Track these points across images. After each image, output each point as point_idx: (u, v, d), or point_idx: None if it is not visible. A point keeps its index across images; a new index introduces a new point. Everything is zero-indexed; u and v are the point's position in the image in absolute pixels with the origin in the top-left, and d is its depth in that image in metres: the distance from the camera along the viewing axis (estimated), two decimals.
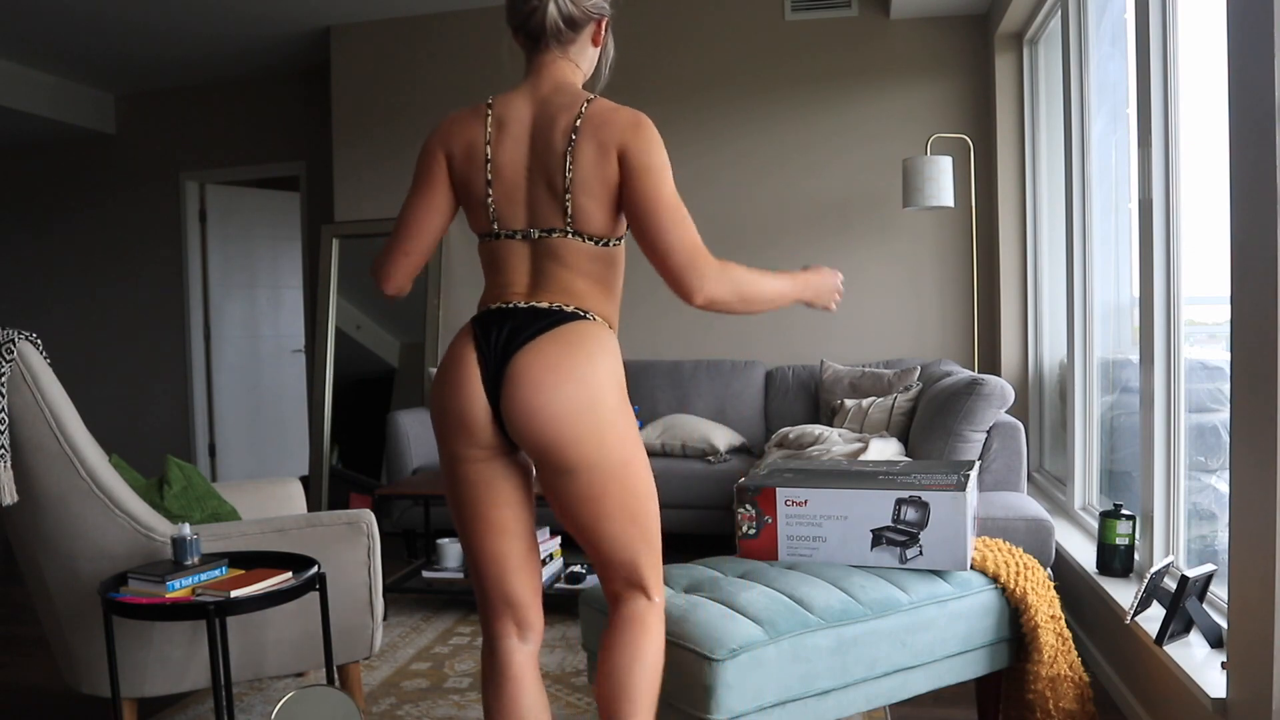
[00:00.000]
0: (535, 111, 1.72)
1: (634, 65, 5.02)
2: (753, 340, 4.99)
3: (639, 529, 1.72)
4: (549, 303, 1.69)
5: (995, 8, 4.49)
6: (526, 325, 1.66)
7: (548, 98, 1.72)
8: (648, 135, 1.67)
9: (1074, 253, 3.55)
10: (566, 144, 1.67)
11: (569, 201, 1.68)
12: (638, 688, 1.71)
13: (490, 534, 1.73)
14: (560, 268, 1.71)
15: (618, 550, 1.72)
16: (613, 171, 1.67)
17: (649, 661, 1.73)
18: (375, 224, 5.37)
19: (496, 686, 1.75)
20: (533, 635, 1.78)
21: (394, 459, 4.52)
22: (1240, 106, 1.79)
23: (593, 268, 1.72)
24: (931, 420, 3.43)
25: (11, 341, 2.16)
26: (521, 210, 1.71)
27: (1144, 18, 2.55)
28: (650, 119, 1.71)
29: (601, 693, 1.72)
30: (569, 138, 1.67)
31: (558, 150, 1.67)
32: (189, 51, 5.69)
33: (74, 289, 6.67)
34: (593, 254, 1.71)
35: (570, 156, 1.66)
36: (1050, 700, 2.16)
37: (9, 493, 2.12)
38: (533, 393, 1.61)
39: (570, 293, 1.71)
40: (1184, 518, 2.53)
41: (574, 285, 1.71)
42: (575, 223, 1.69)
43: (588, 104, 1.69)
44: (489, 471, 1.71)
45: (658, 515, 1.78)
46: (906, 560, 2.14)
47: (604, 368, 1.66)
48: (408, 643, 3.27)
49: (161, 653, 2.31)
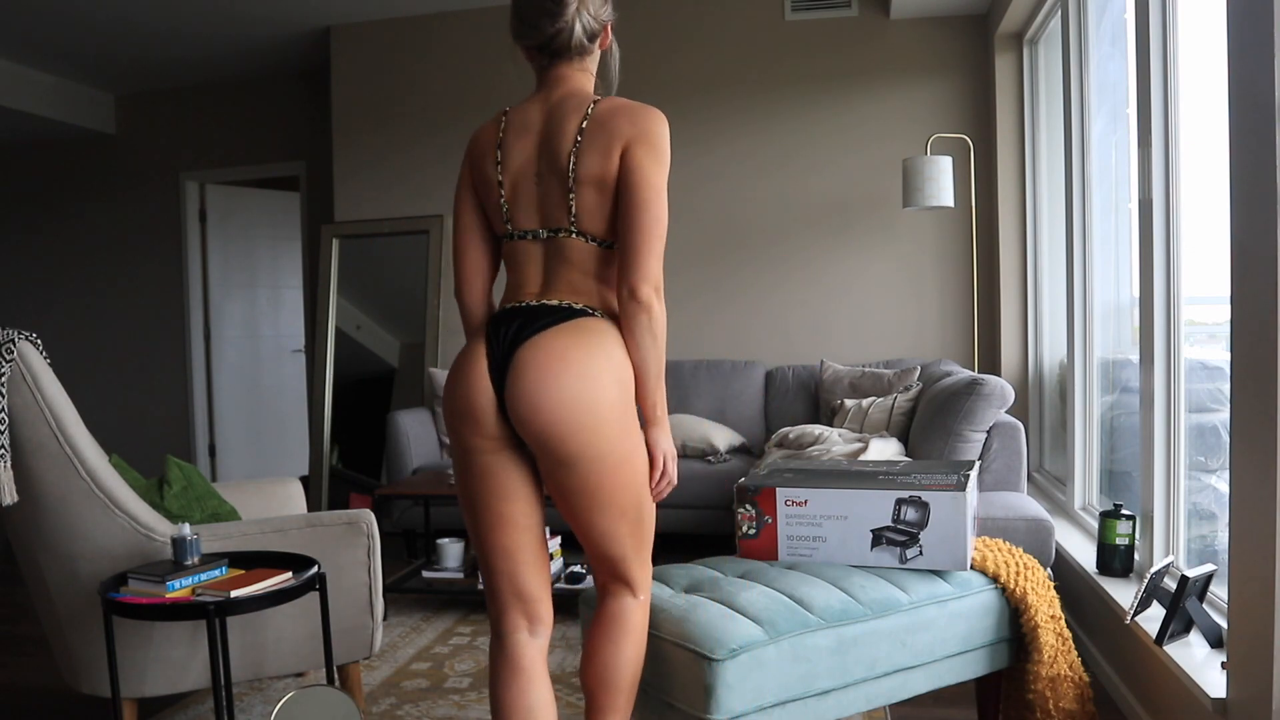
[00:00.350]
0: (546, 117, 1.77)
1: (635, 65, 5.02)
2: (753, 340, 4.99)
3: (630, 526, 1.76)
4: (559, 300, 1.74)
5: (995, 8, 4.49)
6: (534, 320, 1.70)
7: (559, 102, 1.77)
8: (650, 139, 1.71)
9: (1074, 253, 3.55)
10: (572, 144, 1.72)
11: (573, 201, 1.72)
12: (616, 683, 1.79)
13: (500, 526, 1.76)
14: (569, 267, 1.75)
15: (608, 544, 1.76)
16: (613, 168, 1.71)
17: (629, 657, 1.80)
18: (375, 224, 5.37)
19: (506, 680, 1.77)
20: (543, 629, 1.81)
21: (394, 459, 4.52)
22: (1240, 106, 1.79)
23: (595, 267, 1.76)
24: (931, 420, 3.43)
25: (11, 341, 2.16)
26: (533, 212, 1.77)
27: (1144, 18, 2.55)
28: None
29: (585, 681, 1.81)
30: (575, 139, 1.71)
31: (564, 151, 1.72)
32: (189, 52, 5.69)
33: (74, 289, 6.67)
34: (598, 254, 1.75)
35: (575, 157, 1.71)
36: (1050, 700, 2.16)
37: (9, 493, 2.12)
38: (534, 382, 1.64)
39: (579, 291, 1.75)
40: (1184, 518, 2.53)
41: (583, 284, 1.75)
42: (579, 223, 1.74)
43: (594, 105, 1.74)
44: (497, 464, 1.74)
45: (652, 515, 1.82)
46: (906, 560, 2.14)
47: (606, 364, 1.68)
48: (408, 643, 3.27)
49: (161, 653, 2.30)
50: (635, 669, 1.82)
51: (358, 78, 5.42)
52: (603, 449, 1.68)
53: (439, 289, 5.25)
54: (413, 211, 5.37)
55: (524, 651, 1.78)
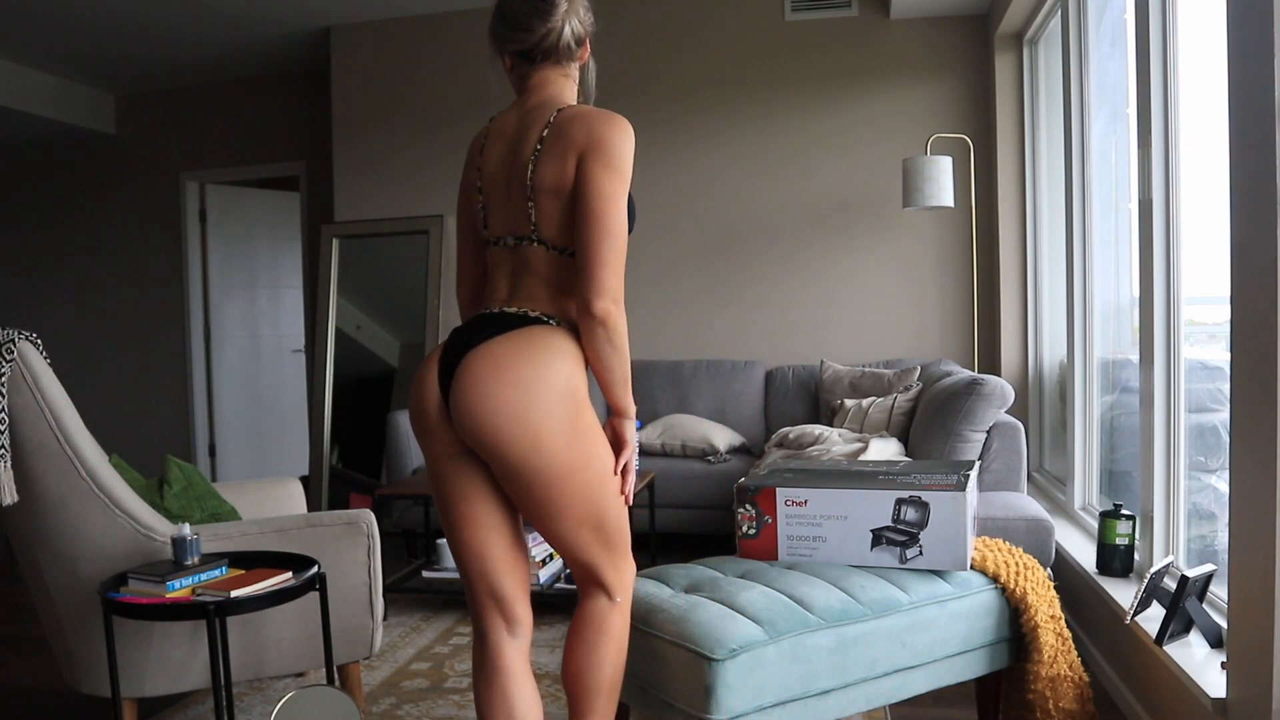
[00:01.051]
0: (518, 124, 1.80)
1: (635, 65, 5.02)
2: (753, 340, 4.99)
3: (591, 533, 1.75)
4: (519, 308, 1.75)
5: (995, 8, 4.49)
6: (486, 328, 1.71)
7: (532, 109, 1.79)
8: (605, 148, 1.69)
9: (1074, 253, 3.55)
10: (532, 152, 1.73)
11: (532, 209, 1.74)
12: (594, 686, 1.79)
13: (465, 527, 1.77)
14: (531, 275, 1.76)
15: (573, 551, 1.78)
16: (568, 176, 1.70)
17: (606, 660, 1.80)
18: (375, 224, 5.37)
19: (488, 680, 1.79)
20: (521, 630, 1.82)
21: (394, 459, 4.52)
22: (1240, 106, 1.79)
23: (554, 275, 1.75)
24: (931, 420, 3.43)
25: (11, 341, 2.16)
26: (503, 219, 1.80)
27: (1144, 18, 2.55)
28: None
29: (564, 683, 1.83)
30: (535, 147, 1.73)
31: (525, 158, 1.74)
32: (189, 52, 5.69)
33: (74, 289, 6.67)
34: (558, 262, 1.75)
35: (533, 165, 1.72)
36: (1050, 700, 2.16)
37: (9, 493, 2.12)
38: (470, 391, 1.65)
39: (538, 299, 1.76)
40: (1184, 518, 2.53)
41: (542, 292, 1.76)
42: (540, 231, 1.74)
43: (558, 113, 1.74)
44: (454, 467, 1.75)
45: (622, 519, 1.80)
46: (906, 560, 2.14)
47: (547, 373, 1.65)
48: (408, 643, 3.27)
49: (161, 653, 2.30)
50: (614, 671, 1.81)
51: (358, 78, 5.42)
52: (545, 461, 1.65)
53: (439, 289, 5.25)
54: (413, 211, 5.37)
55: (503, 651, 1.79)
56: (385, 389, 5.42)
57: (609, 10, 5.03)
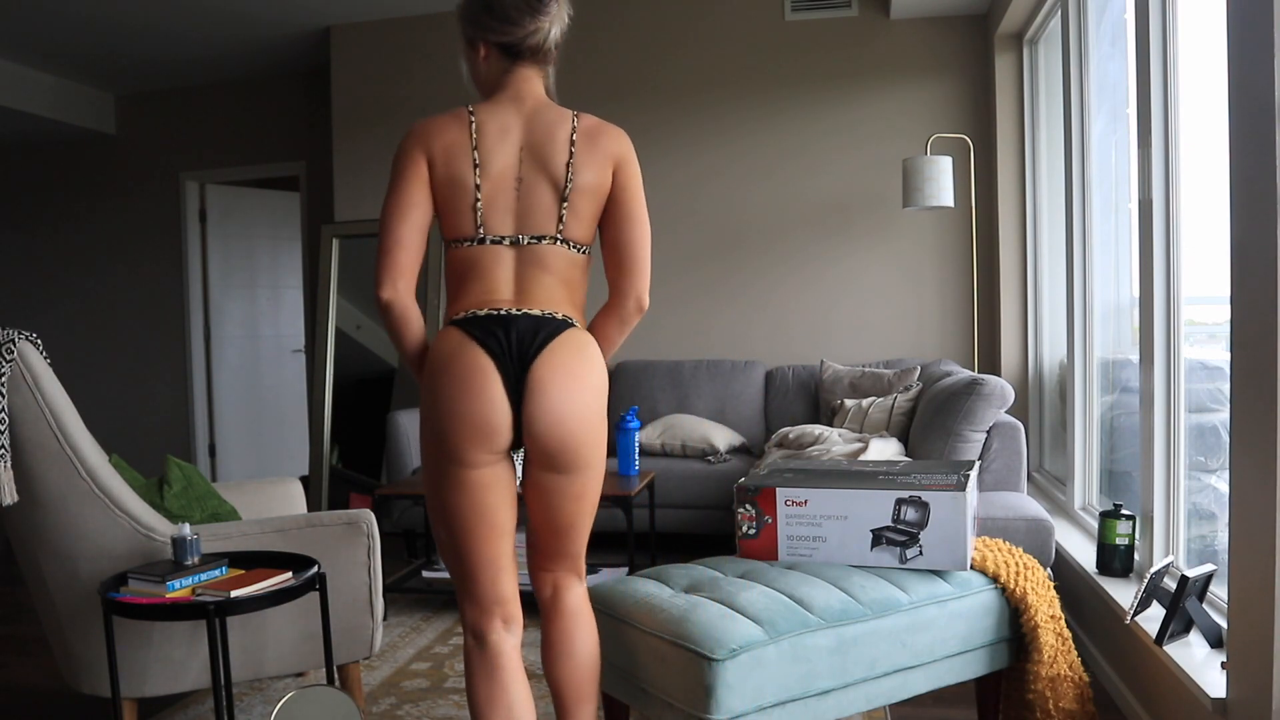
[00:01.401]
0: (527, 123, 1.80)
1: (634, 65, 5.02)
2: (753, 340, 4.99)
3: (590, 522, 1.91)
4: (540, 310, 1.77)
5: (995, 8, 4.49)
6: (533, 332, 1.74)
7: (538, 110, 1.81)
8: (633, 159, 1.85)
9: (1074, 253, 3.55)
10: (568, 155, 1.77)
11: (565, 209, 1.77)
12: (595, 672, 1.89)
13: (493, 537, 1.80)
14: (543, 274, 1.79)
15: (576, 542, 1.89)
16: (607, 182, 1.81)
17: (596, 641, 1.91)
18: (375, 224, 5.36)
19: (490, 678, 1.81)
20: (517, 627, 1.87)
21: (394, 459, 4.51)
22: (1240, 106, 1.79)
23: (570, 274, 1.82)
24: (931, 420, 3.43)
25: (11, 341, 2.16)
26: (510, 217, 1.79)
27: (1144, 18, 2.55)
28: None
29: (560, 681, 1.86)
30: (569, 149, 1.77)
31: (559, 161, 1.77)
32: (189, 51, 5.69)
33: (74, 289, 6.67)
34: (572, 260, 1.82)
35: (571, 168, 1.77)
36: (1050, 700, 2.16)
37: (9, 493, 2.12)
38: (558, 399, 1.72)
39: (554, 300, 1.80)
40: (1184, 518, 2.53)
41: (555, 292, 1.80)
42: (566, 230, 1.79)
43: (577, 118, 1.81)
44: (492, 475, 1.77)
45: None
46: (906, 560, 2.14)
47: (601, 376, 1.80)
48: (408, 643, 3.27)
49: (161, 653, 2.30)
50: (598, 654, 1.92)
51: (358, 78, 5.42)
52: (600, 455, 1.81)
53: (439, 289, 5.25)
54: None
55: (504, 650, 1.82)
56: (385, 389, 5.42)
57: (609, 10, 5.03)
